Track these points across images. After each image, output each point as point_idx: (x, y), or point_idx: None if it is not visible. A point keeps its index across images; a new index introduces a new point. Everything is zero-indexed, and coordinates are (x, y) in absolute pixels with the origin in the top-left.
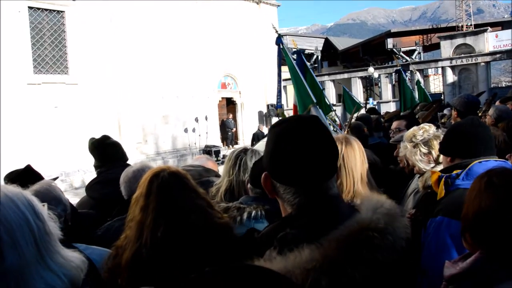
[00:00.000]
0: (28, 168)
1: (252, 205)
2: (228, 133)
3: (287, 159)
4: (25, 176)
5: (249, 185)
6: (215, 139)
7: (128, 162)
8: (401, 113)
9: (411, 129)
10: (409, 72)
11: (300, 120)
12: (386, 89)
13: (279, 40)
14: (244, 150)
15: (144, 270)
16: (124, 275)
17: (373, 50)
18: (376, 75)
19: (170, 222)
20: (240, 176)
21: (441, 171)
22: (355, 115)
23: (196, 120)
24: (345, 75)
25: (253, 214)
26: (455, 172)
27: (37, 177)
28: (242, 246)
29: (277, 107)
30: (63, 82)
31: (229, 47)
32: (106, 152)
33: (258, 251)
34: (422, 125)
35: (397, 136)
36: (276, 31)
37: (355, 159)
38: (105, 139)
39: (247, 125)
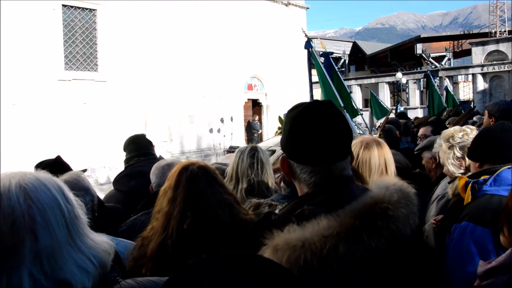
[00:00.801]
0: (58, 159)
1: (283, 202)
2: (254, 134)
3: (303, 138)
4: (55, 167)
5: (282, 184)
6: (239, 140)
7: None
8: (429, 119)
9: (452, 128)
10: (438, 78)
11: (315, 103)
12: (414, 95)
13: (308, 45)
14: (254, 148)
15: (169, 261)
16: (148, 265)
17: (401, 55)
18: (404, 80)
19: (197, 215)
20: (259, 174)
21: (469, 176)
22: (384, 118)
23: (222, 120)
24: (372, 80)
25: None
26: (482, 177)
27: (66, 168)
28: (260, 228)
29: None
30: (92, 79)
31: (257, 48)
32: (137, 146)
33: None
34: (464, 127)
35: (421, 144)
36: (306, 35)
37: (369, 166)
38: (140, 136)
39: (273, 127)
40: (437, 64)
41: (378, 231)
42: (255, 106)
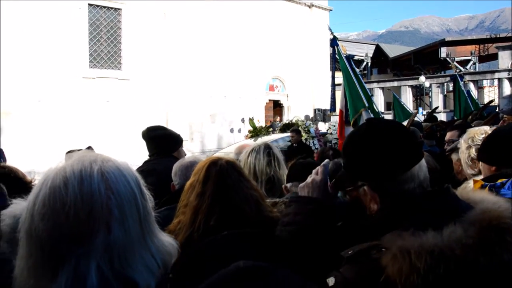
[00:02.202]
0: (90, 149)
1: None
2: None
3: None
4: None
5: (289, 185)
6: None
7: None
8: (456, 123)
9: (476, 128)
10: (463, 83)
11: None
12: (437, 99)
13: (334, 42)
14: (268, 146)
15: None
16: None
17: (425, 59)
18: (427, 84)
19: (224, 210)
20: (277, 171)
21: (483, 179)
22: (408, 121)
23: (242, 120)
24: (395, 83)
25: None
26: (500, 181)
27: None
28: (342, 233)
29: (330, 111)
30: (116, 77)
31: (279, 49)
32: (156, 142)
33: (370, 234)
34: (487, 128)
35: (452, 145)
36: (332, 33)
37: None
38: (160, 128)
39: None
40: (461, 68)
41: (508, 245)
42: (276, 107)
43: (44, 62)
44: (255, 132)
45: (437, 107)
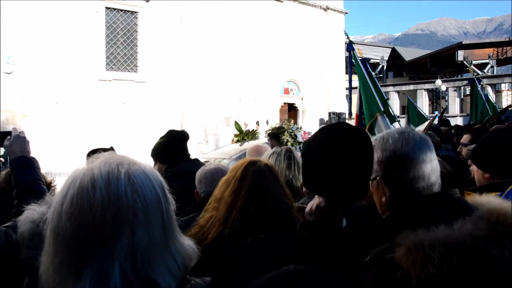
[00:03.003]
0: (112, 149)
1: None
2: None
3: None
4: None
5: (304, 189)
6: None
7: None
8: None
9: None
10: (480, 86)
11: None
12: (454, 103)
13: (350, 47)
14: (289, 149)
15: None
16: (206, 252)
17: (442, 62)
18: (443, 88)
19: (257, 210)
20: (296, 175)
21: (475, 189)
22: (426, 123)
23: (257, 123)
24: (411, 87)
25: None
26: (493, 194)
27: None
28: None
29: (349, 114)
30: (132, 80)
31: (294, 52)
32: (175, 147)
33: (383, 233)
34: None
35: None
36: (348, 37)
37: None
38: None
39: (311, 132)
40: (479, 71)
41: None
42: (291, 110)
43: (62, 64)
44: (242, 136)
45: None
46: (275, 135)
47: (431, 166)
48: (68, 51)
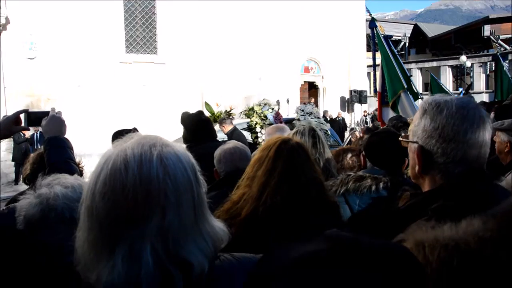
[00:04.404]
0: (136, 130)
1: (384, 175)
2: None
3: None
4: None
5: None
6: None
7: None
8: (504, 102)
9: None
10: (507, 62)
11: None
12: (479, 79)
13: (373, 24)
14: (312, 128)
15: (257, 227)
16: (239, 227)
17: (467, 38)
18: (468, 64)
19: (292, 189)
20: (322, 153)
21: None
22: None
23: (278, 102)
24: (434, 63)
25: (389, 184)
26: None
27: None
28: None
29: (375, 91)
30: (151, 62)
31: (314, 30)
32: (199, 127)
33: (399, 222)
34: None
35: (500, 122)
36: (370, 14)
37: None
38: (200, 114)
39: (328, 110)
40: (507, 46)
41: None
42: (312, 88)
43: (83, 48)
44: (213, 118)
45: (470, 85)
46: (221, 120)
47: (478, 152)
48: (89, 35)
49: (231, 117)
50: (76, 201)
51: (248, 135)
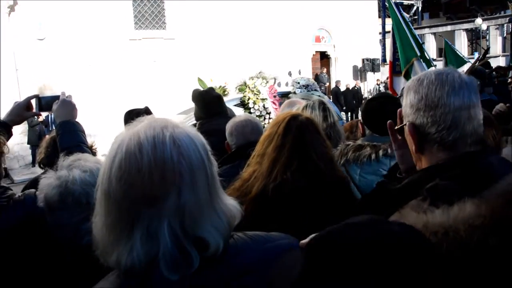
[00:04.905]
0: (147, 109)
1: (383, 142)
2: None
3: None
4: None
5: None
6: None
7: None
8: None
9: None
10: None
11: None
12: (495, 42)
13: None
14: (322, 101)
15: (267, 203)
16: (250, 205)
17: None
18: (484, 27)
19: (301, 164)
20: (333, 126)
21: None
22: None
23: (289, 74)
24: (448, 28)
25: (389, 151)
26: None
27: None
28: (375, 199)
29: (382, 61)
30: (161, 37)
31: None
32: (210, 104)
33: (396, 202)
34: None
35: None
36: None
37: None
38: (211, 90)
39: (341, 80)
40: None
41: None
42: (323, 58)
43: (91, 27)
44: None
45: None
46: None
47: (468, 114)
48: (97, 13)
49: (226, 92)
50: (93, 186)
51: (242, 112)
